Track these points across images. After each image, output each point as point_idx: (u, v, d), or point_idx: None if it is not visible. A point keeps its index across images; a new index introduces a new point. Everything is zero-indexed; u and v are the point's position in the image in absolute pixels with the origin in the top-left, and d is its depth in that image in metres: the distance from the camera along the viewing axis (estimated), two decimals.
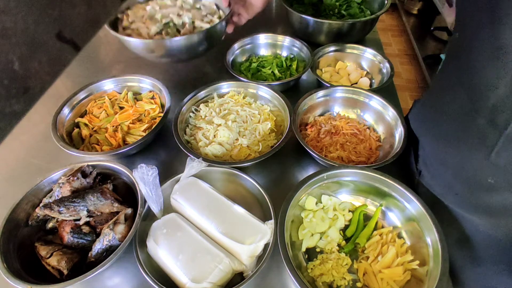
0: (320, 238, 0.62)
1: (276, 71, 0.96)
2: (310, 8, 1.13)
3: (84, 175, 0.65)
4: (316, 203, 0.65)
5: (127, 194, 0.65)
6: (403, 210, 0.61)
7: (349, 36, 1.03)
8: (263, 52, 1.05)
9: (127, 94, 0.87)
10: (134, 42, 0.77)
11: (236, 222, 0.59)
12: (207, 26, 0.82)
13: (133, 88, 0.89)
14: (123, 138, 0.78)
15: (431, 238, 0.56)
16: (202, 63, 1.07)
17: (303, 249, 0.61)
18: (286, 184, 0.74)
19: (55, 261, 0.55)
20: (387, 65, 0.92)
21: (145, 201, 0.60)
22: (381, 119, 0.80)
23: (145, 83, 0.88)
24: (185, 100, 0.82)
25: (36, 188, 0.63)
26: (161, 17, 0.83)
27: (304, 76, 0.97)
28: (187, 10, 0.86)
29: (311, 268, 0.59)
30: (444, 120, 0.57)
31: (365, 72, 0.98)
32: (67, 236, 0.58)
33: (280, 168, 0.77)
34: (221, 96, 0.86)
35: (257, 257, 0.57)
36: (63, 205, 0.58)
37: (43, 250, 0.57)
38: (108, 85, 0.88)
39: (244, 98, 0.86)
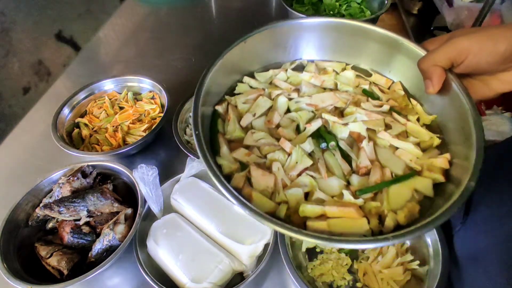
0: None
1: None
2: (310, 8, 1.13)
3: (84, 175, 0.65)
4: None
5: (127, 194, 0.65)
6: None
7: None
8: None
9: (127, 94, 0.87)
10: None
11: (236, 222, 0.59)
12: None
13: (133, 88, 0.89)
14: (123, 138, 0.78)
15: (431, 238, 0.56)
16: (202, 62, 1.07)
17: (303, 249, 0.61)
18: None
19: (55, 261, 0.55)
20: None
21: (145, 201, 0.60)
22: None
23: (145, 83, 0.88)
24: (185, 100, 0.82)
25: (36, 188, 0.63)
26: None
27: None
28: None
29: (311, 268, 0.59)
30: None
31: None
32: (67, 236, 0.58)
33: None
34: None
35: (257, 257, 0.57)
36: (63, 205, 0.58)
37: (43, 250, 0.57)
38: (108, 85, 0.88)
39: None
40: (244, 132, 0.52)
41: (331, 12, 1.11)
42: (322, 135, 0.50)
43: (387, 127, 0.51)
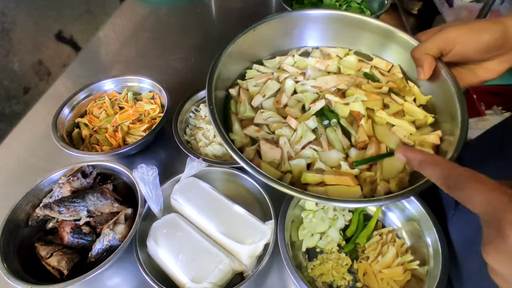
0: (320, 238, 0.62)
1: None
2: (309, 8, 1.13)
3: (84, 175, 0.65)
4: (316, 203, 0.65)
5: (127, 194, 0.65)
6: (403, 210, 0.61)
7: None
8: None
9: (127, 94, 0.87)
10: None
11: (236, 222, 0.59)
12: None
13: (133, 88, 0.89)
14: (123, 138, 0.78)
15: (431, 238, 0.56)
16: (202, 63, 1.07)
17: (303, 249, 0.61)
18: None
19: (55, 261, 0.55)
20: None
21: (145, 201, 0.60)
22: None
23: (145, 83, 0.88)
24: (185, 100, 0.82)
25: (36, 188, 0.63)
26: None
27: None
28: None
29: (311, 268, 0.59)
30: None
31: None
32: (67, 236, 0.58)
33: None
34: None
35: (257, 257, 0.57)
36: (63, 205, 0.58)
37: (43, 250, 0.57)
38: (108, 85, 0.88)
39: None
40: (255, 112, 0.58)
41: None
42: (325, 113, 0.55)
43: (385, 107, 0.57)
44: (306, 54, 0.67)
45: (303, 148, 0.52)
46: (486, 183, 0.30)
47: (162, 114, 0.79)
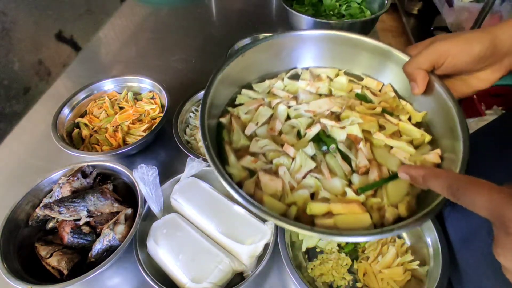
0: (320, 238, 0.62)
1: None
2: (310, 8, 1.14)
3: (84, 175, 0.65)
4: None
5: (127, 194, 0.65)
6: None
7: None
8: None
9: (127, 94, 0.87)
10: None
11: (236, 222, 0.59)
12: None
13: (133, 88, 0.89)
14: (123, 138, 0.78)
15: (431, 238, 0.56)
16: (202, 63, 1.07)
17: (303, 249, 0.61)
18: None
19: (55, 261, 0.55)
20: None
21: (145, 201, 0.60)
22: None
23: (145, 83, 0.88)
24: (185, 100, 0.82)
25: (36, 188, 0.63)
26: None
27: None
28: None
29: (311, 268, 0.59)
30: None
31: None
32: (67, 236, 0.58)
33: None
34: None
35: (257, 257, 0.57)
36: (63, 205, 0.58)
37: (43, 250, 0.57)
38: (108, 85, 0.88)
39: None
40: (249, 140, 0.55)
41: (331, 13, 1.11)
42: (322, 139, 0.54)
43: (381, 127, 0.55)
44: (295, 76, 0.65)
45: (304, 177, 0.50)
46: (485, 186, 0.31)
47: (162, 114, 0.79)
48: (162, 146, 0.83)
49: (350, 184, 0.50)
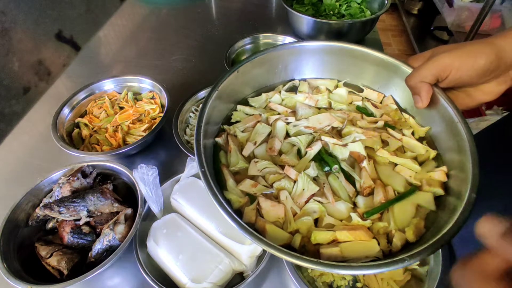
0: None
1: None
2: (310, 8, 1.13)
3: (84, 175, 0.65)
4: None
5: (127, 194, 0.65)
6: None
7: (349, 36, 1.03)
8: None
9: (127, 94, 0.87)
10: None
11: None
12: None
13: (133, 88, 0.89)
14: (123, 138, 0.78)
15: None
16: (202, 63, 1.07)
17: None
18: None
19: (55, 261, 0.55)
20: None
21: (145, 201, 0.60)
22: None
23: (145, 83, 0.88)
24: (185, 100, 0.82)
25: (36, 188, 0.63)
26: None
27: None
28: None
29: (311, 268, 0.59)
30: None
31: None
32: (67, 236, 0.58)
33: None
34: None
35: (257, 257, 0.57)
36: (63, 205, 0.58)
37: (43, 250, 0.57)
38: (108, 85, 0.88)
39: None
40: (247, 161, 0.53)
41: (331, 12, 1.11)
42: (324, 158, 0.52)
43: (384, 143, 0.53)
44: (293, 88, 0.63)
45: (307, 201, 0.48)
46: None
47: (162, 114, 0.79)
48: (162, 146, 0.83)
49: (355, 207, 0.48)
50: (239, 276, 0.57)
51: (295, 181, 0.49)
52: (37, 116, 0.92)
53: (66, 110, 0.81)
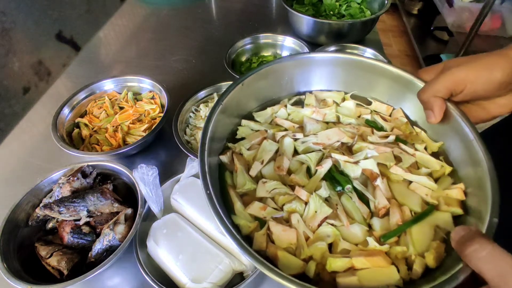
0: None
1: None
2: (310, 8, 1.14)
3: (84, 175, 0.65)
4: None
5: (127, 194, 0.65)
6: None
7: (349, 36, 1.03)
8: (263, 52, 1.05)
9: (127, 94, 0.87)
10: None
11: None
12: None
13: (133, 88, 0.89)
14: (123, 138, 0.78)
15: None
16: (202, 63, 1.07)
17: None
18: None
19: (55, 261, 0.55)
20: None
21: (145, 201, 0.60)
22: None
23: (145, 83, 0.88)
24: (185, 100, 0.82)
25: (36, 188, 0.63)
26: None
27: None
28: None
29: None
30: None
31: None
32: (67, 236, 0.58)
33: None
34: None
35: None
36: (63, 205, 0.58)
37: (43, 250, 0.57)
38: (108, 85, 0.88)
39: None
40: (255, 182, 0.50)
41: (331, 13, 1.11)
42: (335, 177, 0.49)
43: (397, 159, 0.51)
44: (299, 101, 0.61)
45: (320, 224, 0.45)
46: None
47: (162, 114, 0.79)
48: (162, 146, 0.83)
49: (370, 229, 0.45)
50: (239, 276, 0.57)
51: (306, 203, 0.47)
52: (37, 116, 0.92)
53: (66, 110, 0.81)
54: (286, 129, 0.57)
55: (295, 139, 0.54)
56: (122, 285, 0.60)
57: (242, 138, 0.56)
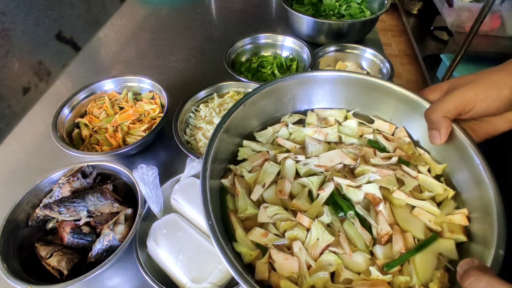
0: None
1: (276, 72, 0.96)
2: (310, 8, 1.14)
3: (84, 175, 0.65)
4: None
5: (127, 195, 0.65)
6: None
7: (349, 36, 1.03)
8: (263, 52, 1.05)
9: (127, 94, 0.87)
10: None
11: None
12: None
13: (133, 88, 0.89)
14: (123, 138, 0.78)
15: None
16: (202, 63, 1.07)
17: None
18: None
19: (55, 261, 0.55)
20: (387, 65, 0.92)
21: (145, 201, 0.60)
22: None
23: (145, 83, 0.88)
24: (185, 100, 0.82)
25: (36, 188, 0.63)
26: None
27: None
28: None
29: None
30: None
31: (365, 72, 0.98)
32: (67, 237, 0.58)
33: None
34: (221, 96, 0.86)
35: None
36: (63, 206, 0.58)
37: (43, 251, 0.57)
38: (108, 85, 0.88)
39: None
40: (256, 206, 0.50)
41: (331, 13, 1.11)
42: (337, 201, 0.49)
43: (399, 182, 0.50)
44: (300, 120, 0.61)
45: (321, 252, 0.45)
46: None
47: (162, 114, 0.79)
48: (162, 146, 0.83)
49: (372, 257, 0.45)
50: None
51: (308, 229, 0.47)
52: (37, 116, 0.92)
53: (66, 110, 0.81)
54: (288, 150, 0.56)
55: (297, 161, 0.54)
56: (122, 285, 0.60)
57: (244, 160, 0.56)
